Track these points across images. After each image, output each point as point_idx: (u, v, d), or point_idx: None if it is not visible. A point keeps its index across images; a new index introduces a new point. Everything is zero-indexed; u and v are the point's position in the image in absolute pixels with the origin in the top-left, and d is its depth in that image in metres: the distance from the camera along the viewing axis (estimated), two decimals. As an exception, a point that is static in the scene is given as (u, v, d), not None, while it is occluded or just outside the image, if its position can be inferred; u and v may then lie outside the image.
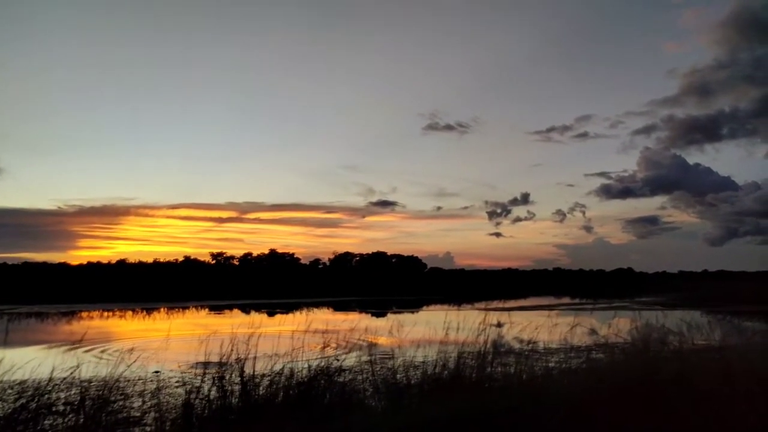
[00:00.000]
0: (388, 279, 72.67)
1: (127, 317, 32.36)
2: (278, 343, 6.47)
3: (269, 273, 74.54)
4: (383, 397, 5.74)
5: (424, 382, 5.91)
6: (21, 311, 33.88)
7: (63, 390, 5.66)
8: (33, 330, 23.21)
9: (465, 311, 8.41)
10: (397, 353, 6.85)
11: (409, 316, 30.02)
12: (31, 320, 28.19)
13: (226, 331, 6.90)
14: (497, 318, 8.47)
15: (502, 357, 6.71)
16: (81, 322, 28.65)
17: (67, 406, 5.44)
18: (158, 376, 10.49)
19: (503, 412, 5.26)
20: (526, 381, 6.14)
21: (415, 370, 6.32)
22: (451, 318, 7.39)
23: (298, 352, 6.04)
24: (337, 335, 7.01)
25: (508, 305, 34.95)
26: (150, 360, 10.05)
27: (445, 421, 4.98)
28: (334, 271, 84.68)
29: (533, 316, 19.49)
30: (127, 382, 8.30)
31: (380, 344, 7.57)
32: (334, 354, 6.21)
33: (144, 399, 8.57)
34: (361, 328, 7.93)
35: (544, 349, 8.01)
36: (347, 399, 5.48)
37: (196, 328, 23.54)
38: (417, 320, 22.10)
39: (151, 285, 56.17)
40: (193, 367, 9.65)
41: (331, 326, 7.16)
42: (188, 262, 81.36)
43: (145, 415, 7.25)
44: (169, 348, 11.31)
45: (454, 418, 5.02)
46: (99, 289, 51.70)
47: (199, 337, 7.97)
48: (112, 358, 5.97)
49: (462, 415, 5.05)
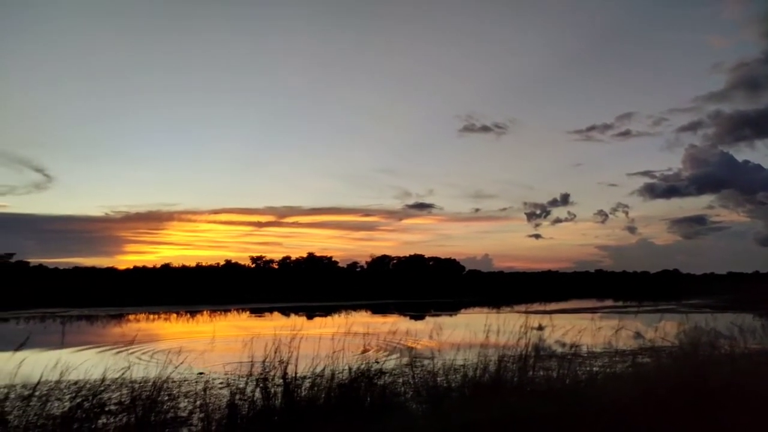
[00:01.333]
0: (425, 281, 72.39)
1: (172, 320, 33.27)
2: (318, 345, 6.55)
3: (307, 276, 75.31)
4: (424, 400, 5.73)
5: (464, 386, 5.87)
6: (72, 314, 35.27)
7: (114, 390, 5.87)
8: (85, 332, 24.13)
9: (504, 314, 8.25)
10: (436, 356, 6.83)
11: (448, 319, 29.84)
12: (82, 323, 29.31)
13: (267, 333, 7.03)
14: (538, 321, 8.33)
15: (544, 361, 6.61)
16: (129, 325, 29.62)
17: (119, 405, 5.66)
18: (203, 377, 10.75)
19: (546, 417, 5.18)
20: (569, 386, 6.02)
21: (455, 374, 6.29)
22: (491, 321, 7.31)
23: (338, 355, 6.09)
24: (377, 338, 7.03)
25: (548, 308, 34.30)
26: (195, 361, 10.31)
27: (487, 426, 4.94)
28: (372, 274, 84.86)
29: (575, 319, 19.08)
30: (174, 382, 8.57)
31: (419, 347, 7.56)
32: (374, 356, 6.23)
33: (190, 399, 8.80)
34: (400, 331, 7.93)
35: (588, 353, 7.84)
36: (388, 401, 5.50)
37: (238, 331, 24.00)
38: (456, 323, 21.95)
39: (194, 288, 57.56)
40: (236, 368, 9.84)
41: (370, 329, 7.18)
42: (229, 265, 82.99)
43: (192, 415, 7.44)
44: (213, 350, 11.58)
45: (495, 423, 4.97)
46: (145, 292, 53.31)
47: (242, 339, 8.15)
48: (159, 359, 6.15)
49: (504, 420, 5.00)
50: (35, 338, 6.42)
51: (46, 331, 23.94)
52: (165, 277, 68.84)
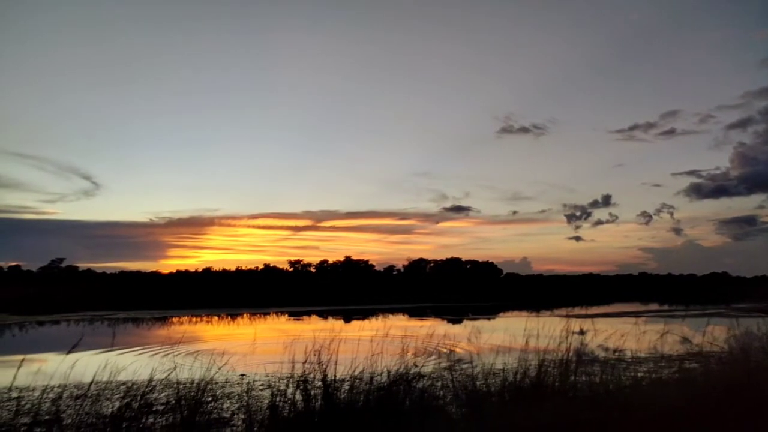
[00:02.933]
0: (462, 285, 71.89)
1: (214, 322, 34.02)
2: (357, 348, 6.59)
3: (345, 279, 75.83)
4: (463, 404, 5.70)
5: (504, 390, 5.81)
6: (119, 317, 36.50)
7: (160, 391, 6.04)
8: (131, 335, 24.93)
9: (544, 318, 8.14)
10: (475, 360, 6.78)
11: (486, 323, 29.53)
12: (128, 325, 30.28)
13: (306, 336, 7.12)
14: (579, 325, 8.17)
15: (586, 366, 6.47)
16: (173, 328, 30.43)
17: (165, 405, 5.83)
18: (244, 378, 10.96)
19: (589, 423, 5.08)
20: (613, 391, 5.88)
21: (494, 378, 6.23)
22: (530, 325, 7.21)
23: (376, 358, 6.11)
24: (415, 341, 7.03)
25: (590, 312, 33.54)
26: (236, 363, 10.51)
27: (528, 431, 4.88)
28: (409, 278, 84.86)
29: (618, 323, 18.60)
30: (217, 384, 8.76)
31: (458, 351, 7.53)
32: (413, 360, 6.23)
33: (232, 400, 8.99)
34: (437, 334, 7.90)
35: (632, 358, 7.64)
36: (427, 405, 5.49)
37: (277, 333, 24.37)
38: (494, 327, 21.71)
39: (234, 291, 58.78)
40: (277, 370, 9.99)
41: (408, 332, 7.19)
42: (268, 269, 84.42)
43: (234, 416, 7.60)
44: (254, 352, 11.79)
45: (536, 428, 4.90)
46: (187, 295, 54.75)
47: (281, 342, 8.30)
48: (202, 361, 6.30)
49: (545, 425, 4.92)
50: (85, 340, 6.67)
51: (95, 333, 24.85)
52: (206, 281, 70.55)
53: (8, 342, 23.84)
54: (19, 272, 72.31)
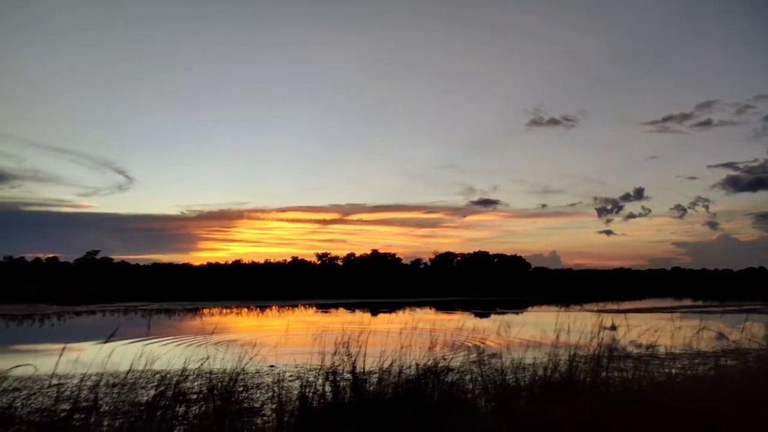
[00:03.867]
0: (490, 279, 71.42)
1: (243, 314, 34.59)
2: (385, 340, 6.61)
3: (371, 273, 76.08)
4: (492, 398, 5.68)
5: (534, 385, 5.76)
6: (152, 308, 37.40)
7: (193, 380, 6.17)
8: (164, 325, 25.53)
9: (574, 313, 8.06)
10: (504, 354, 6.74)
11: (514, 317, 29.29)
12: (161, 316, 31.01)
13: (335, 328, 7.18)
14: (611, 320, 8.03)
15: (618, 362, 6.37)
16: (204, 319, 31.04)
17: (197, 395, 5.96)
18: (274, 369, 11.13)
19: (621, 419, 5.00)
20: (646, 387, 5.78)
21: (523, 372, 6.18)
22: (560, 319, 7.13)
23: (405, 351, 6.12)
24: (443, 335, 7.02)
25: (621, 307, 32.95)
26: (266, 354, 10.67)
27: (558, 426, 4.83)
28: (436, 271, 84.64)
29: (651, 318, 18.23)
30: (247, 374, 8.91)
31: (486, 345, 7.49)
32: (441, 353, 6.22)
33: (262, 391, 9.14)
34: (465, 328, 7.88)
35: (666, 355, 7.49)
36: (455, 398, 5.48)
37: (306, 325, 24.64)
38: (523, 321, 21.54)
39: (263, 284, 59.60)
40: (306, 362, 10.11)
41: (436, 326, 7.19)
42: (296, 262, 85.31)
43: (264, 406, 7.73)
44: (283, 343, 11.94)
45: (567, 423, 4.85)
46: (217, 287, 55.75)
47: (310, 334, 8.38)
48: (233, 352, 6.41)
49: (576, 420, 4.86)
50: (121, 330, 6.90)
51: (130, 323, 25.52)
52: (236, 273, 71.68)
53: (47, 331, 24.69)
54: (56, 264, 74.65)
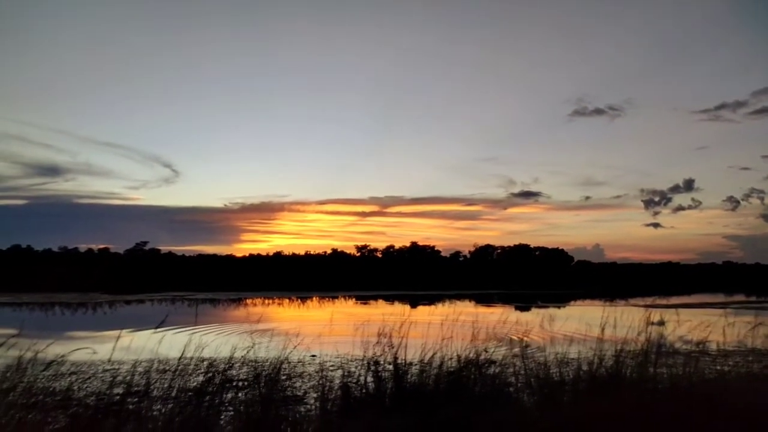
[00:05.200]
0: (531, 272, 70.35)
1: (285, 305, 35.23)
2: (426, 332, 6.61)
3: (410, 265, 76.10)
4: (535, 392, 5.61)
5: (578, 379, 5.66)
6: (197, 297, 38.53)
7: (239, 368, 6.33)
8: (210, 314, 26.28)
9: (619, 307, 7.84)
10: (547, 348, 6.64)
11: (557, 311, 28.80)
12: (206, 305, 31.91)
13: (375, 319, 7.23)
14: (658, 315, 7.80)
15: (667, 358, 6.18)
16: (247, 309, 31.78)
17: (243, 382, 6.12)
18: (315, 359, 11.30)
19: (669, 415, 4.86)
20: (697, 384, 5.60)
21: (567, 367, 6.08)
22: (604, 314, 6.97)
23: (446, 342, 6.12)
24: (484, 327, 6.97)
25: (669, 302, 31.94)
26: (307, 344, 10.84)
27: (603, 421, 4.74)
28: (475, 264, 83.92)
29: (701, 314, 17.62)
30: (289, 363, 9.08)
31: (529, 338, 7.40)
32: (483, 346, 6.19)
33: (304, 380, 9.30)
34: (507, 321, 7.80)
35: (717, 352, 7.23)
36: (497, 392, 5.44)
37: (346, 316, 24.90)
38: (565, 315, 21.14)
39: (303, 275, 60.49)
40: (347, 352, 10.23)
41: (477, 318, 7.14)
42: (336, 254, 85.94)
43: (306, 395, 7.87)
44: (324, 333, 12.11)
45: (612, 418, 4.75)
46: (259, 278, 56.93)
47: (351, 324, 8.48)
48: (276, 341, 6.55)
49: (622, 416, 4.76)
50: (169, 319, 7.16)
51: (177, 312, 26.36)
52: (277, 265, 72.93)
53: (100, 319, 25.78)
54: (108, 254, 77.58)
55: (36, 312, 28.03)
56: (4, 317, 25.42)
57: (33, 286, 42.78)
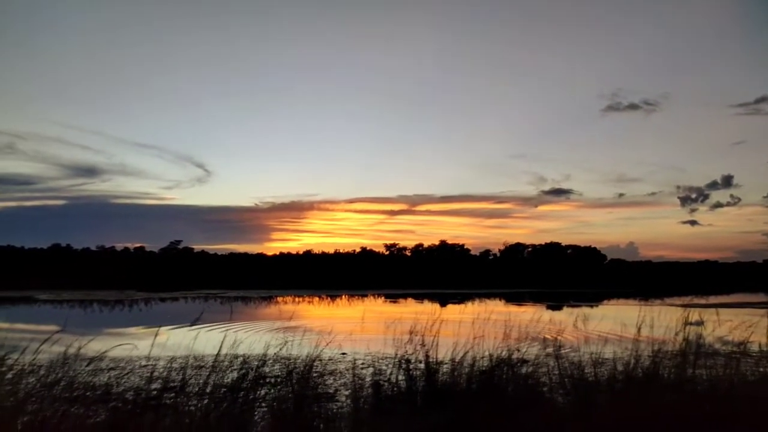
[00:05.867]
0: (563, 271, 69.30)
1: (315, 303, 35.51)
2: (457, 331, 6.59)
3: (440, 264, 75.83)
4: (568, 392, 5.53)
5: (614, 380, 5.56)
6: (229, 295, 39.17)
7: (271, 365, 6.41)
8: (242, 312, 26.70)
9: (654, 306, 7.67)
10: (580, 348, 6.54)
11: (590, 310, 28.31)
12: (238, 303, 32.42)
13: (405, 317, 7.23)
14: (697, 315, 7.59)
15: (706, 359, 6.01)
16: (278, 306, 32.16)
17: (276, 378, 6.19)
18: (345, 357, 11.38)
19: (709, 418, 4.74)
20: (738, 386, 5.43)
21: (602, 367, 5.97)
22: (639, 313, 6.82)
23: (477, 341, 6.08)
24: (516, 326, 6.90)
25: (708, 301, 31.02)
26: (338, 342, 10.92)
27: (641, 422, 4.64)
28: (505, 262, 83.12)
29: (741, 314, 17.08)
30: (320, 361, 9.16)
31: (561, 338, 7.29)
32: (515, 345, 6.12)
33: (335, 377, 9.38)
34: (539, 320, 7.71)
35: (759, 353, 7.00)
36: (530, 391, 5.38)
37: (376, 315, 24.97)
38: (599, 314, 20.77)
39: (333, 274, 60.90)
40: (377, 350, 10.27)
41: (508, 317, 7.07)
42: (365, 252, 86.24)
43: (337, 392, 7.93)
44: (354, 331, 12.17)
45: (650, 420, 4.65)
46: (289, 277, 57.54)
47: (381, 322, 8.51)
48: (307, 339, 6.60)
49: (659, 418, 4.65)
50: (203, 316, 7.31)
51: (210, 309, 26.86)
52: (307, 263, 73.62)
53: (137, 316, 26.45)
54: (143, 253, 79.53)
55: (76, 309, 28.93)
56: (47, 314, 26.33)
57: (72, 284, 44.16)
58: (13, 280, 42.52)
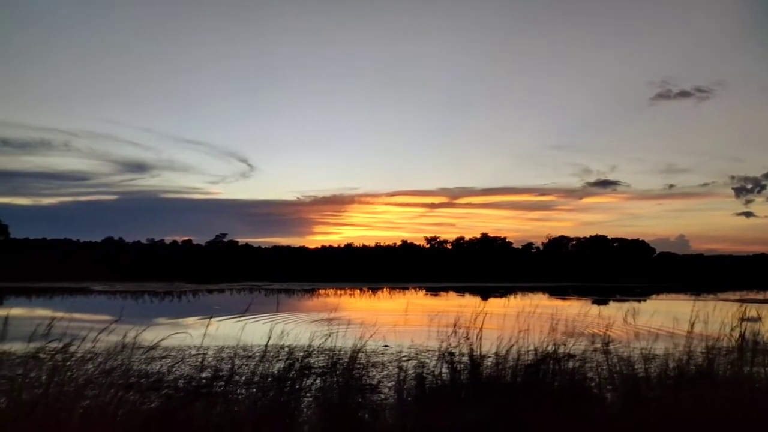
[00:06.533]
0: (609, 264, 67.53)
1: (356, 295, 35.82)
2: (501, 324, 6.53)
3: (481, 257, 75.15)
4: (617, 389, 5.40)
5: (665, 377, 5.39)
6: (273, 287, 39.95)
7: (316, 356, 6.51)
8: (286, 304, 27.20)
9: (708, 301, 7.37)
10: (630, 343, 6.37)
11: (638, 305, 27.48)
12: (282, 295, 33.04)
13: (448, 310, 7.21)
14: (753, 310, 7.27)
15: (765, 356, 5.77)
16: (321, 299, 32.61)
17: (321, 369, 6.30)
18: (388, 349, 11.44)
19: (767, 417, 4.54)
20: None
21: (653, 363, 5.80)
22: (691, 308, 6.58)
23: (522, 335, 6.00)
24: (562, 320, 6.78)
25: (766, 296, 29.70)
26: (380, 334, 10.99)
27: (694, 420, 4.49)
28: (549, 256, 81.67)
29: (801, 310, 16.26)
30: (363, 353, 9.25)
31: (609, 333, 7.11)
32: (561, 339, 6.02)
33: (377, 369, 9.45)
34: (585, 314, 7.55)
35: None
36: (577, 387, 5.29)
37: (417, 307, 25.00)
38: (648, 309, 20.18)
39: (374, 267, 61.21)
40: (420, 342, 10.29)
41: (553, 311, 6.95)
42: (405, 245, 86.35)
43: (380, 384, 7.99)
44: (396, 324, 12.21)
45: (705, 418, 4.50)
46: (331, 269, 58.18)
47: (422, 315, 8.50)
48: (350, 331, 6.68)
49: (715, 416, 4.50)
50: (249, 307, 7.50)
51: (255, 301, 27.48)
52: (348, 256, 74.26)
53: (185, 307, 27.33)
54: (191, 246, 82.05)
55: (128, 300, 30.11)
56: (102, 304, 27.50)
57: (125, 276, 45.93)
58: (69, 272, 44.55)
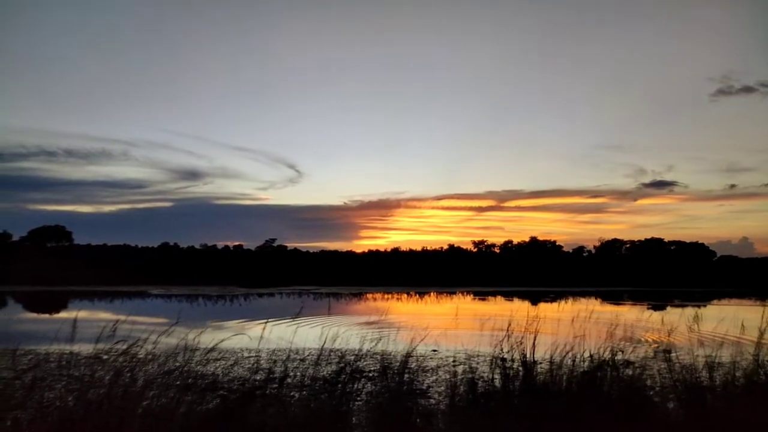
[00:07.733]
0: (665, 268, 64.92)
1: (404, 299, 35.79)
2: (555, 330, 6.38)
3: (530, 261, 73.69)
4: (678, 398, 5.17)
5: (731, 385, 5.13)
6: (321, 291, 40.45)
7: (366, 360, 6.54)
8: (334, 307, 27.49)
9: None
10: (693, 350, 6.08)
11: (698, 310, 26.31)
12: (330, 299, 33.40)
13: (495, 314, 7.09)
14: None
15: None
16: (369, 303, 32.78)
17: (372, 373, 6.32)
18: (437, 354, 11.37)
19: None
20: None
21: (717, 371, 5.53)
22: (763, 314, 6.23)
23: (577, 341, 5.84)
24: (618, 326, 6.56)
25: (838, 302, 27.81)
26: (429, 339, 10.93)
27: None
28: (601, 259, 79.17)
29: None
30: (412, 357, 9.23)
31: (669, 339, 6.83)
32: (618, 345, 5.82)
33: (427, 374, 9.39)
34: (643, 320, 7.28)
35: None
36: (636, 395, 5.09)
37: (466, 312, 24.74)
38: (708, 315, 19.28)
39: (421, 271, 61.05)
40: (470, 347, 10.16)
41: (607, 316, 6.74)
42: (452, 249, 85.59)
43: (429, 389, 7.93)
44: (446, 328, 12.13)
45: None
46: (378, 274, 58.42)
47: (471, 319, 8.39)
48: (399, 335, 6.67)
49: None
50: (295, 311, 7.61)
51: (304, 305, 27.87)
52: (395, 260, 74.34)
53: (238, 310, 28.02)
54: (241, 250, 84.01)
55: (183, 303, 31.14)
56: (159, 307, 28.55)
57: (180, 279, 47.57)
58: (128, 276, 46.49)
